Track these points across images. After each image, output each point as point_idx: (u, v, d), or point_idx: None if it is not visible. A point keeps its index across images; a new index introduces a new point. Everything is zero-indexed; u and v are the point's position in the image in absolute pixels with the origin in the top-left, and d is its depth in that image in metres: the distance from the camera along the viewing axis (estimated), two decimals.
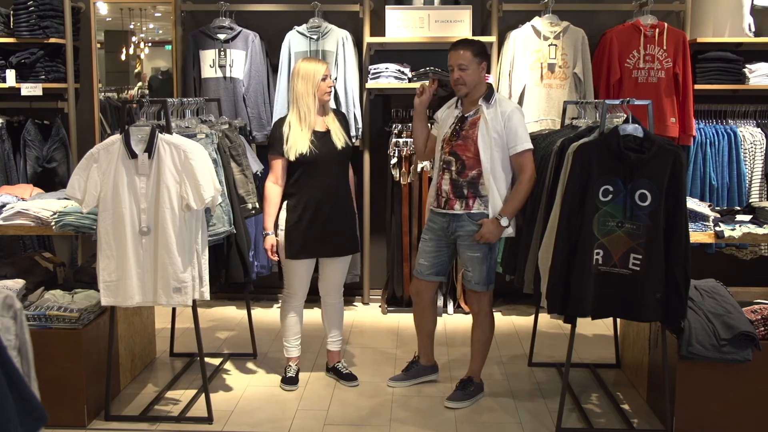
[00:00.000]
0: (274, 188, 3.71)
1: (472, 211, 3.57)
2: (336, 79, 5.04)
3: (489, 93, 3.60)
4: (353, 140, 5.11)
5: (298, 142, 3.63)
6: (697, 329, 3.25)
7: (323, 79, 3.66)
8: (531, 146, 3.57)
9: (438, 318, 4.06)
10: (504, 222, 3.53)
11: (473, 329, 3.78)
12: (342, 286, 3.96)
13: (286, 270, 3.82)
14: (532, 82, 4.97)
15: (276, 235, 3.72)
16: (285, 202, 3.73)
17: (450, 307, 5.26)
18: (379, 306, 5.39)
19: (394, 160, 5.02)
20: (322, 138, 3.69)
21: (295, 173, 3.70)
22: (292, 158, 3.64)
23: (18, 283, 3.45)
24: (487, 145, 3.51)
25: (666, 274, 3.17)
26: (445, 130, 3.69)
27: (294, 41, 5.08)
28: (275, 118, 4.65)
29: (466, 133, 3.57)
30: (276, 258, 3.75)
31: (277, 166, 3.70)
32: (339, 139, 3.73)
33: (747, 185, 5.04)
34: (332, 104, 5.01)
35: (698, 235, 3.70)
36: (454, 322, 5.06)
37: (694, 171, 5.01)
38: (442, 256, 3.74)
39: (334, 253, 3.79)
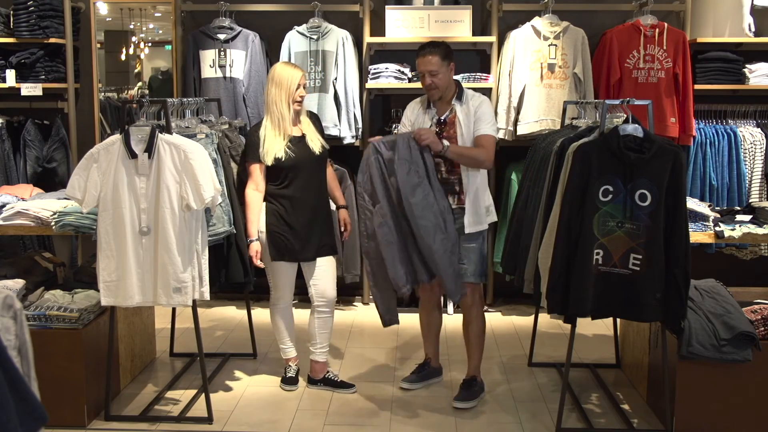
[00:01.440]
0: (254, 194, 3.66)
1: (464, 205, 3.63)
2: (336, 79, 5.04)
3: (459, 92, 3.66)
4: (351, 140, 5.14)
5: (273, 147, 3.60)
6: (697, 329, 3.25)
7: (297, 87, 3.62)
8: (493, 132, 3.62)
9: None
10: (445, 142, 3.50)
11: (467, 326, 3.78)
12: (335, 296, 3.83)
13: (272, 273, 3.77)
14: (532, 82, 4.97)
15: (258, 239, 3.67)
16: (264, 205, 3.68)
17: (450, 307, 5.26)
18: None
19: None
20: (298, 143, 3.67)
21: (274, 178, 3.67)
22: (268, 163, 3.61)
23: (18, 283, 3.45)
24: (464, 143, 3.58)
25: (666, 274, 3.17)
26: None
27: (294, 41, 5.09)
28: None
29: (448, 134, 3.62)
30: (261, 264, 3.69)
31: (256, 171, 3.66)
32: (315, 144, 3.71)
33: (747, 185, 5.04)
34: (332, 104, 5.05)
35: (698, 235, 3.70)
36: (454, 322, 5.04)
37: (694, 171, 5.01)
38: None
39: (316, 255, 3.73)
